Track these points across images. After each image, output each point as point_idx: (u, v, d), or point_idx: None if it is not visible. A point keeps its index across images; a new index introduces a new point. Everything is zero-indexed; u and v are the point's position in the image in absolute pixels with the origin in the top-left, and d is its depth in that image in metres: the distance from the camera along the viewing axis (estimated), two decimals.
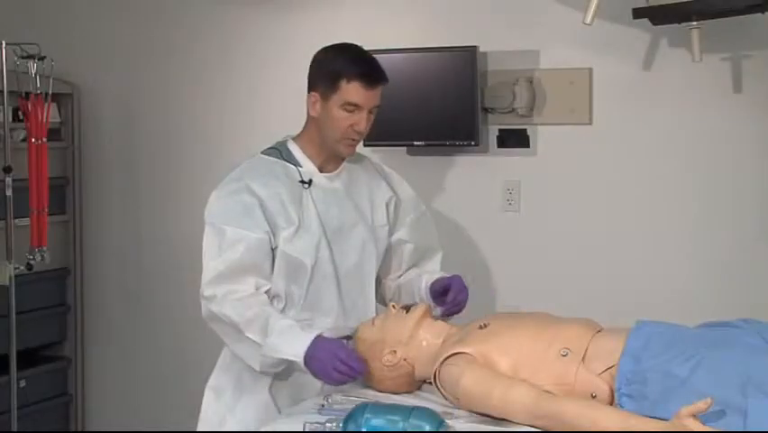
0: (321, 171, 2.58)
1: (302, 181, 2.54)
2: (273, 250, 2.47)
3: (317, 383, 2.50)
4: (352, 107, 2.46)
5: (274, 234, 2.46)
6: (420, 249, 2.75)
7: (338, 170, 2.61)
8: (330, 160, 2.60)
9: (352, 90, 2.45)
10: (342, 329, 2.51)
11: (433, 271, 2.72)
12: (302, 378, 2.48)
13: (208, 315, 2.44)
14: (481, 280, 3.52)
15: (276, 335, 2.35)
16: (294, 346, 2.34)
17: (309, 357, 2.32)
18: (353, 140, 2.52)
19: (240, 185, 2.48)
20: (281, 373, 2.47)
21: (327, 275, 2.52)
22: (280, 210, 2.47)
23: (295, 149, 2.58)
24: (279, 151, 2.58)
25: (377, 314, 2.56)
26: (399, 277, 2.73)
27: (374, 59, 2.54)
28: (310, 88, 2.53)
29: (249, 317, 2.38)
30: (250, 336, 2.37)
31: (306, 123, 2.59)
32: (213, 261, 2.42)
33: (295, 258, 2.47)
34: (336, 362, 2.29)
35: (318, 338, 2.34)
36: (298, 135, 2.61)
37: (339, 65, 2.48)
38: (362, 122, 2.48)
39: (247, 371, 2.52)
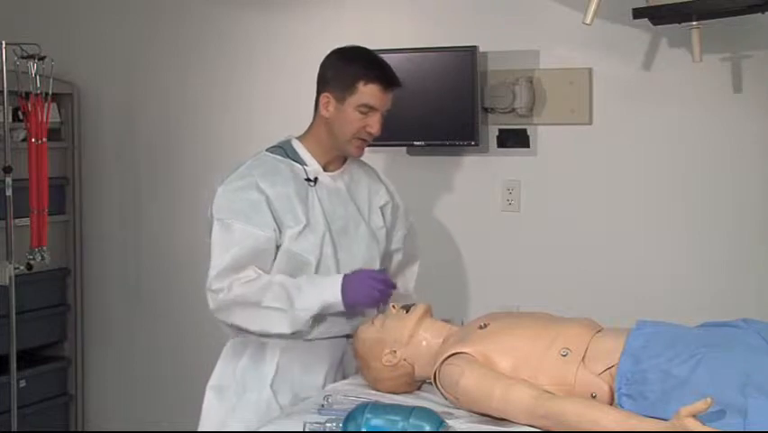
0: (325, 171, 2.59)
1: (307, 180, 2.55)
2: (277, 247, 2.48)
3: (319, 380, 2.53)
4: (368, 109, 2.50)
5: (280, 232, 2.48)
6: (404, 259, 2.81)
7: (341, 171, 2.63)
8: (334, 160, 2.62)
9: (370, 92, 2.49)
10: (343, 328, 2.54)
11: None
12: (303, 374, 2.51)
13: (219, 305, 2.44)
14: (481, 280, 3.52)
15: (305, 289, 2.42)
16: (328, 289, 2.43)
17: (346, 291, 2.41)
18: (364, 141, 2.55)
19: (247, 181, 2.49)
20: (284, 368, 2.50)
21: (331, 273, 2.53)
22: (288, 208, 2.49)
23: (300, 148, 2.59)
24: (284, 149, 2.59)
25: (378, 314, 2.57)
26: None
27: (387, 63, 2.57)
28: (323, 89, 2.55)
29: (261, 287, 2.42)
30: (269, 304, 2.41)
31: (314, 123, 2.60)
32: (220, 256, 2.43)
33: (300, 255, 2.49)
34: (373, 281, 2.43)
35: (346, 276, 2.45)
36: (303, 135, 2.62)
37: (357, 67, 2.51)
38: (376, 124, 2.52)
39: (249, 368, 2.54)
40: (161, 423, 4.01)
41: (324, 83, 2.55)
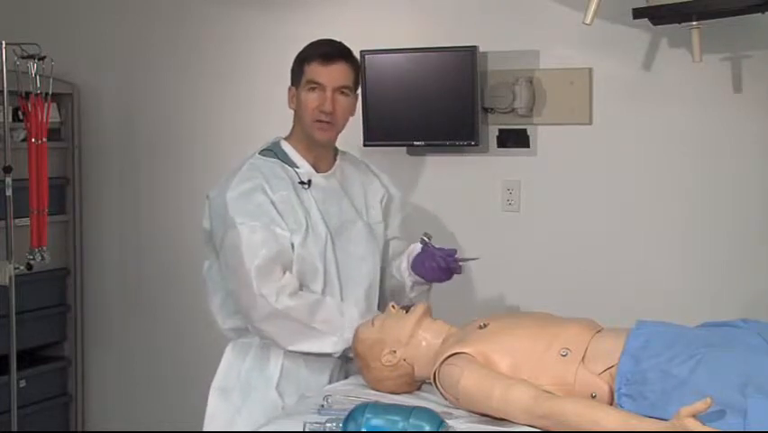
0: (316, 171, 2.60)
1: (301, 182, 2.55)
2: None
3: (324, 380, 2.53)
4: (315, 85, 2.54)
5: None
6: (402, 249, 2.79)
7: (332, 169, 2.65)
8: (321, 158, 2.63)
9: (312, 69, 2.55)
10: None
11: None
12: (309, 375, 2.53)
13: (270, 313, 2.42)
14: (482, 279, 3.52)
15: (347, 313, 2.48)
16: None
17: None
18: (323, 122, 2.56)
19: (253, 184, 2.51)
20: (288, 369, 2.52)
21: (333, 275, 2.54)
22: (290, 212, 2.50)
23: (288, 149, 2.62)
24: (275, 152, 2.61)
25: (380, 310, 2.58)
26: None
27: (337, 42, 2.62)
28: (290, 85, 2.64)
29: (311, 306, 2.45)
30: (318, 327, 2.45)
31: (293, 122, 2.64)
32: (252, 260, 2.42)
33: (308, 261, 2.50)
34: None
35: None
36: (289, 136, 2.65)
37: (302, 53, 2.61)
38: (327, 101, 2.54)
39: (253, 370, 2.55)
40: (161, 423, 4.01)
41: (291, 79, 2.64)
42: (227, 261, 2.49)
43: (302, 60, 2.58)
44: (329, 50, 2.57)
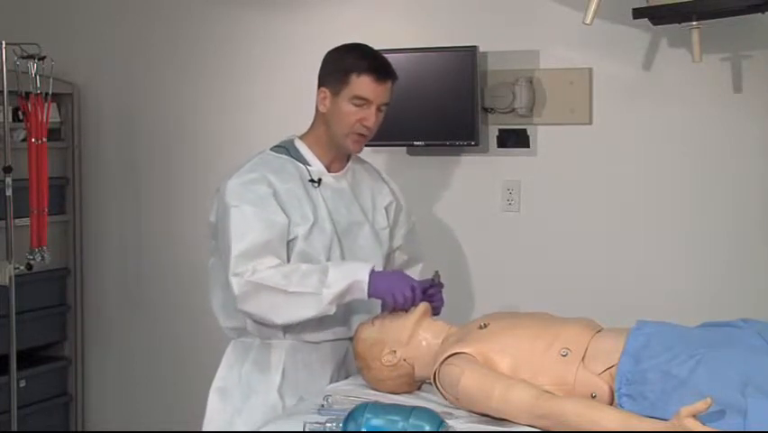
0: (328, 171, 2.59)
1: (312, 180, 2.55)
2: (289, 242, 2.46)
3: (325, 382, 2.52)
4: (362, 101, 2.49)
5: (289, 225, 2.46)
6: (407, 260, 2.80)
7: (344, 171, 2.63)
8: (336, 160, 2.61)
9: (362, 84, 2.48)
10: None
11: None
12: (309, 377, 2.51)
13: (244, 289, 2.37)
14: (481, 280, 3.52)
15: (332, 269, 2.37)
16: (358, 269, 2.38)
17: (376, 279, 2.37)
18: (361, 135, 2.53)
19: (257, 175, 2.48)
20: (289, 371, 2.50)
21: None
22: (296, 206, 2.48)
23: (303, 148, 2.59)
24: (287, 149, 2.59)
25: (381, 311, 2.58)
26: None
27: (383, 57, 2.58)
28: (320, 85, 2.56)
29: (287, 273, 2.37)
30: (296, 289, 2.35)
31: (314, 121, 2.60)
32: (239, 242, 2.39)
33: (311, 255, 2.48)
34: (408, 282, 2.38)
35: (377, 271, 2.41)
36: (306, 134, 2.62)
37: (350, 60, 2.51)
38: (371, 117, 2.50)
39: (254, 372, 2.53)
40: (161, 423, 4.01)
41: (321, 78, 2.56)
42: (220, 245, 2.48)
43: (349, 69, 2.48)
44: (383, 69, 2.51)
